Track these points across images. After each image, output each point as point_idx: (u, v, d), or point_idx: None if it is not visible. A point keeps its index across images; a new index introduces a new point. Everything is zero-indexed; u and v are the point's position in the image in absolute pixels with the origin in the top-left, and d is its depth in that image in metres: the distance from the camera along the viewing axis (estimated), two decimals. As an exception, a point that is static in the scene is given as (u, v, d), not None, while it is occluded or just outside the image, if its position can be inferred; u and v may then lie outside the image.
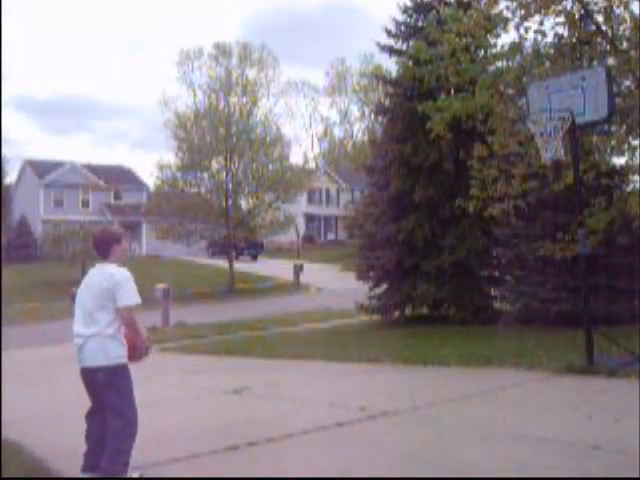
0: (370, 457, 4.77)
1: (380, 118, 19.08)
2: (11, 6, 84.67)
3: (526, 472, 4.23)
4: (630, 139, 10.32)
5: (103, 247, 4.40)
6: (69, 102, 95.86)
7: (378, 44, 16.17)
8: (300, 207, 53.14)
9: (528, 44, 10.47)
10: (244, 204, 37.56)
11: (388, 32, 16.10)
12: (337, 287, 27.89)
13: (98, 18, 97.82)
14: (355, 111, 72.72)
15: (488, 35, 10.78)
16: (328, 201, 61.75)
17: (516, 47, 10.46)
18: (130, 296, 4.20)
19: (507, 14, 10.34)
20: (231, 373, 10.05)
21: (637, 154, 10.57)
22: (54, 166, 54.17)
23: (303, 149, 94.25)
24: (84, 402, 4.46)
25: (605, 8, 9.94)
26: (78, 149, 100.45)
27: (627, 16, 9.82)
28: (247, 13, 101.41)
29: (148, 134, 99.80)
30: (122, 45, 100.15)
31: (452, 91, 12.96)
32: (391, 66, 32.46)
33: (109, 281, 4.21)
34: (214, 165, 36.07)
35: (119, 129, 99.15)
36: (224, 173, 35.69)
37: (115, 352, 4.22)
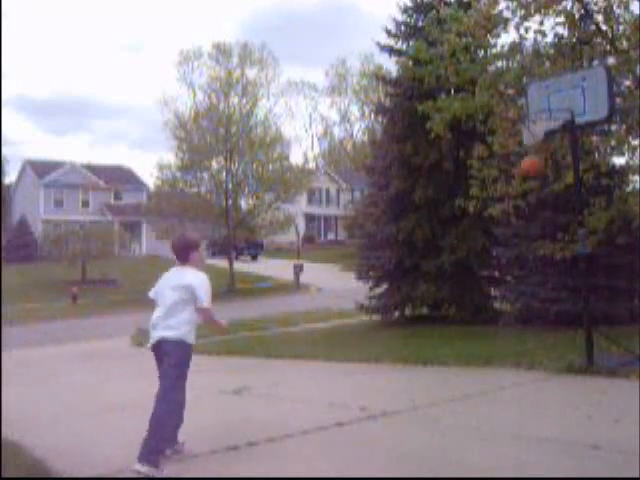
0: (370, 457, 4.77)
1: (380, 118, 19.09)
2: (11, 6, 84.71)
3: (526, 472, 4.23)
4: (630, 139, 10.31)
5: (183, 253, 4.84)
6: (69, 102, 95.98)
7: (378, 44, 16.18)
8: (300, 207, 53.22)
9: (528, 44, 10.47)
10: (244, 204, 37.61)
11: (388, 32, 16.09)
12: (337, 287, 27.92)
13: (98, 18, 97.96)
14: (355, 111, 72.81)
15: (488, 35, 10.77)
16: (328, 201, 61.78)
17: (516, 47, 10.46)
18: (207, 299, 4.74)
19: (507, 14, 10.34)
20: (231, 373, 10.05)
21: (637, 154, 10.57)
22: (54, 166, 54.20)
23: (303, 149, 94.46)
24: (84, 402, 4.47)
25: (605, 8, 9.93)
26: (78, 149, 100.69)
27: (627, 16, 9.82)
28: (247, 13, 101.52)
29: (148, 134, 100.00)
30: (122, 45, 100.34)
31: (452, 91, 12.96)
32: (391, 66, 32.48)
33: (191, 280, 4.72)
34: (214, 165, 36.12)
35: (119, 129, 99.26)
36: (224, 173, 35.73)
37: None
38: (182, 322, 4.75)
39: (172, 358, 4.75)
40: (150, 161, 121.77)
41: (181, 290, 4.72)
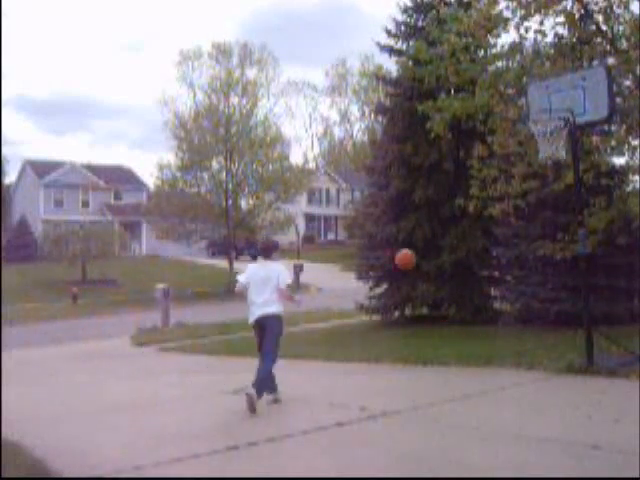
0: (370, 457, 4.77)
1: (380, 118, 19.07)
2: (11, 6, 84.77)
3: (526, 472, 4.23)
4: (630, 139, 10.31)
5: (269, 251, 7.16)
6: (69, 102, 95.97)
7: (378, 44, 16.16)
8: (300, 207, 53.19)
9: (528, 44, 10.46)
10: (244, 204, 37.59)
11: (388, 32, 16.06)
12: (337, 287, 27.90)
13: (98, 18, 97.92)
14: (355, 111, 72.76)
15: (488, 35, 10.76)
16: (328, 201, 61.77)
17: (516, 47, 10.45)
18: (287, 279, 6.90)
19: (507, 14, 10.33)
20: (231, 373, 10.05)
21: (637, 154, 10.57)
22: (54, 166, 54.19)
23: (303, 149, 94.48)
24: (84, 402, 4.47)
25: (605, 8, 9.93)
26: (78, 149, 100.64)
27: (627, 16, 9.82)
28: (246, 13, 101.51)
29: (148, 134, 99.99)
30: (122, 45, 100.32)
31: (452, 91, 12.96)
32: (391, 66, 32.43)
33: (278, 269, 6.93)
34: (214, 165, 36.10)
35: (119, 129, 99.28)
36: (224, 173, 35.71)
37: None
38: (277, 301, 6.77)
39: (275, 328, 6.77)
40: (150, 161, 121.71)
41: (273, 277, 6.74)
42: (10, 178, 60.66)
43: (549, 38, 10.34)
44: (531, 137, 9.01)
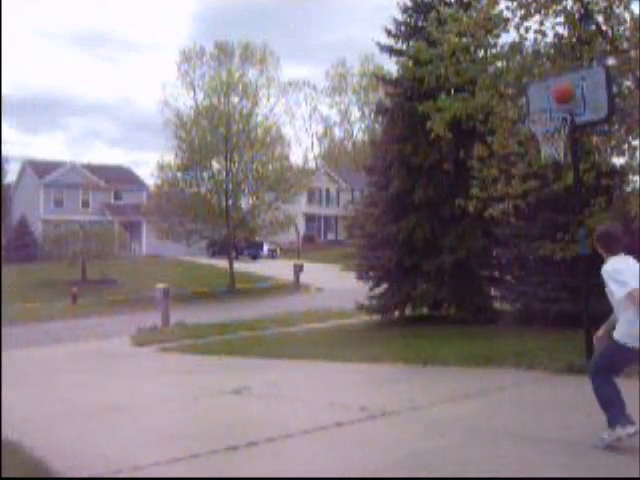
0: (370, 457, 4.77)
1: (380, 118, 19.07)
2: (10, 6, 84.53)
3: (526, 472, 4.23)
4: (630, 139, 10.31)
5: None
6: (38, 99, 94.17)
7: (378, 44, 16.16)
8: (300, 207, 53.16)
9: (528, 44, 10.46)
10: (244, 204, 37.56)
11: (388, 32, 16.07)
12: (337, 287, 27.89)
13: (99, 19, 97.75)
14: (355, 111, 72.80)
15: (488, 35, 10.76)
16: (328, 201, 61.79)
17: (516, 47, 10.45)
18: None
19: (507, 14, 10.33)
20: (231, 373, 10.05)
21: (637, 154, 10.57)
22: (54, 166, 54.18)
23: (303, 149, 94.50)
24: (84, 402, 4.47)
25: (605, 8, 9.93)
26: (78, 149, 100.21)
27: (627, 16, 9.82)
28: (246, 13, 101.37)
29: (149, 134, 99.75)
30: (122, 45, 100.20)
31: (452, 91, 12.96)
32: (391, 66, 32.44)
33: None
34: (214, 165, 36.10)
35: (95, 127, 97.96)
36: (224, 173, 35.70)
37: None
38: (622, 321, 4.70)
39: (604, 350, 4.96)
40: (151, 161, 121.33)
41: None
42: (10, 178, 60.69)
43: (549, 38, 10.36)
44: (531, 137, 9.02)
